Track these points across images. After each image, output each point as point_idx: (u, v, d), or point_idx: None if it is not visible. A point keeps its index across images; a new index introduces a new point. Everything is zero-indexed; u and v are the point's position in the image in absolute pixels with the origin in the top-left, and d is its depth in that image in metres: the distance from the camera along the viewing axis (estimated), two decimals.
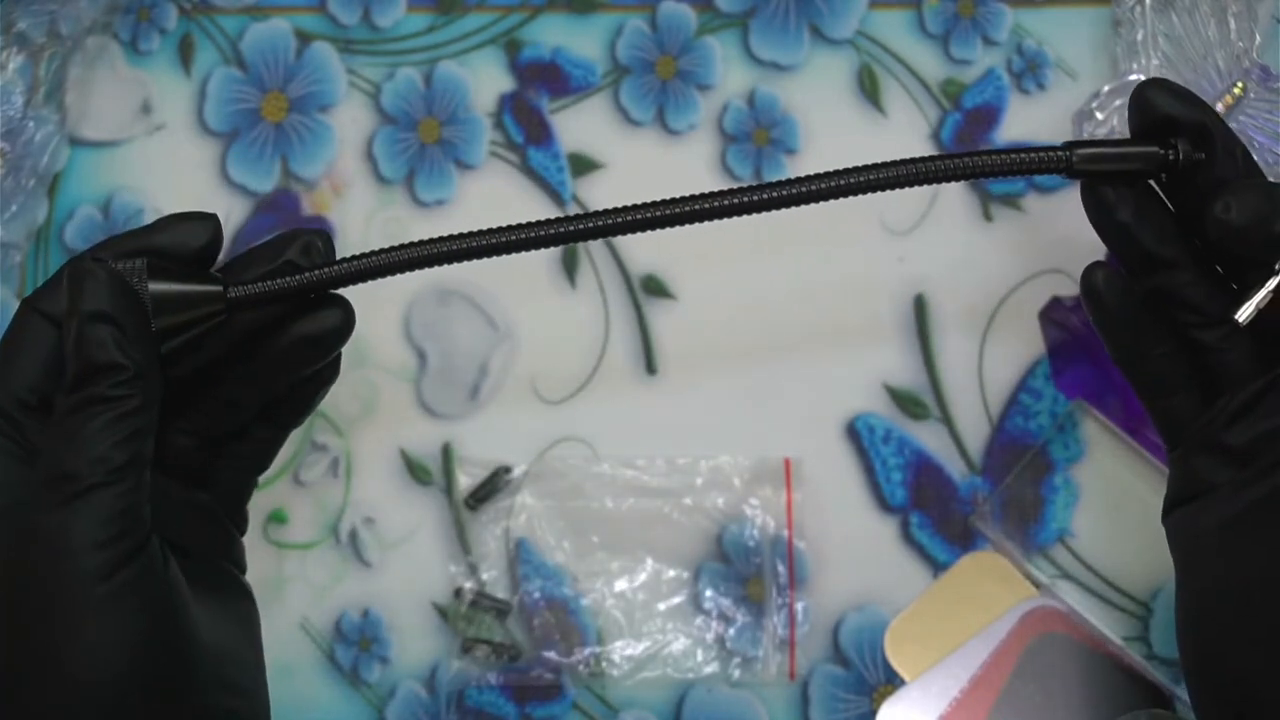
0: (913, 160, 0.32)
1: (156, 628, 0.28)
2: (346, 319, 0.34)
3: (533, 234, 0.33)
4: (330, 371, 0.36)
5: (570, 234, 0.33)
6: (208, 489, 0.34)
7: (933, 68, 0.52)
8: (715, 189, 0.51)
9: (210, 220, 0.31)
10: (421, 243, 0.33)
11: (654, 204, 0.32)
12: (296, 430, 0.38)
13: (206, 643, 0.30)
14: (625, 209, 0.32)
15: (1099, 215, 0.34)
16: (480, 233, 0.33)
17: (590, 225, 0.32)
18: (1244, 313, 0.31)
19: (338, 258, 0.33)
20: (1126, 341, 0.35)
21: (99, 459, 0.27)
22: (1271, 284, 0.30)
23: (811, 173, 0.32)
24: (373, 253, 0.33)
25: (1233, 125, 0.49)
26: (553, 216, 0.34)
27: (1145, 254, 0.33)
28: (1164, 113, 0.33)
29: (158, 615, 0.28)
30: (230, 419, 0.34)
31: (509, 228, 0.33)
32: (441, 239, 0.33)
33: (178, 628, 0.29)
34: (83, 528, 0.27)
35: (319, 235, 0.33)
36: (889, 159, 0.33)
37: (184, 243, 0.31)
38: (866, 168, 0.32)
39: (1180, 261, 0.33)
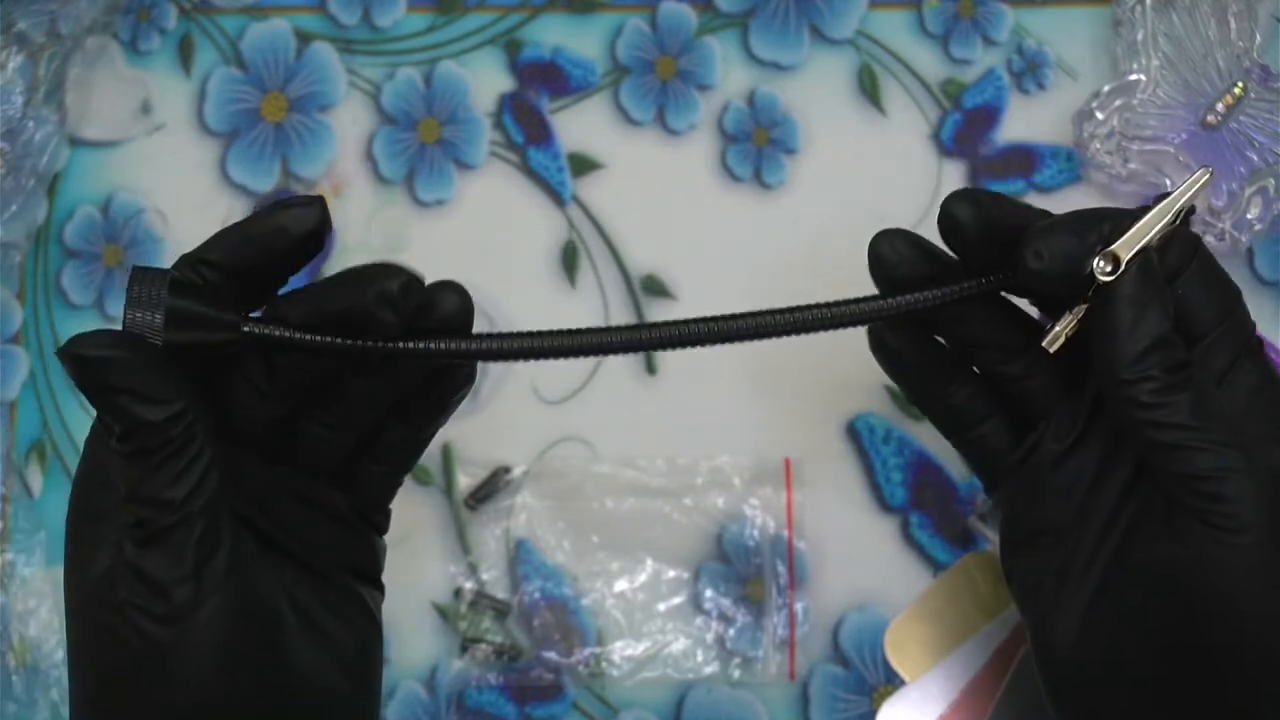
0: (782, 311, 0.32)
1: (242, 660, 0.29)
2: (464, 306, 0.33)
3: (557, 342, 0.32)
4: (464, 376, 0.34)
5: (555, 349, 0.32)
6: (351, 489, 0.34)
7: (933, 68, 0.52)
8: (715, 189, 0.51)
9: (314, 207, 0.30)
10: (457, 339, 0.32)
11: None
12: None
13: (304, 673, 0.30)
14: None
15: (884, 285, 0.33)
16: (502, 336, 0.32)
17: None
18: (1054, 344, 0.31)
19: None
20: (924, 387, 0.35)
21: (163, 503, 0.28)
22: (1079, 312, 0.30)
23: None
24: (409, 345, 0.31)
25: (1233, 125, 0.49)
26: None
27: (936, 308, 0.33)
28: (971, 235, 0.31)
29: (244, 647, 0.29)
30: (361, 412, 0.33)
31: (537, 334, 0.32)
32: (484, 336, 0.32)
33: (268, 659, 0.29)
34: (159, 567, 0.28)
35: (405, 282, 0.31)
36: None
37: (285, 230, 0.30)
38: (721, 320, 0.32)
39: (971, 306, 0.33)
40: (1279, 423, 0.29)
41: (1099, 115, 0.49)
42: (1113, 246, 0.29)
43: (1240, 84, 0.49)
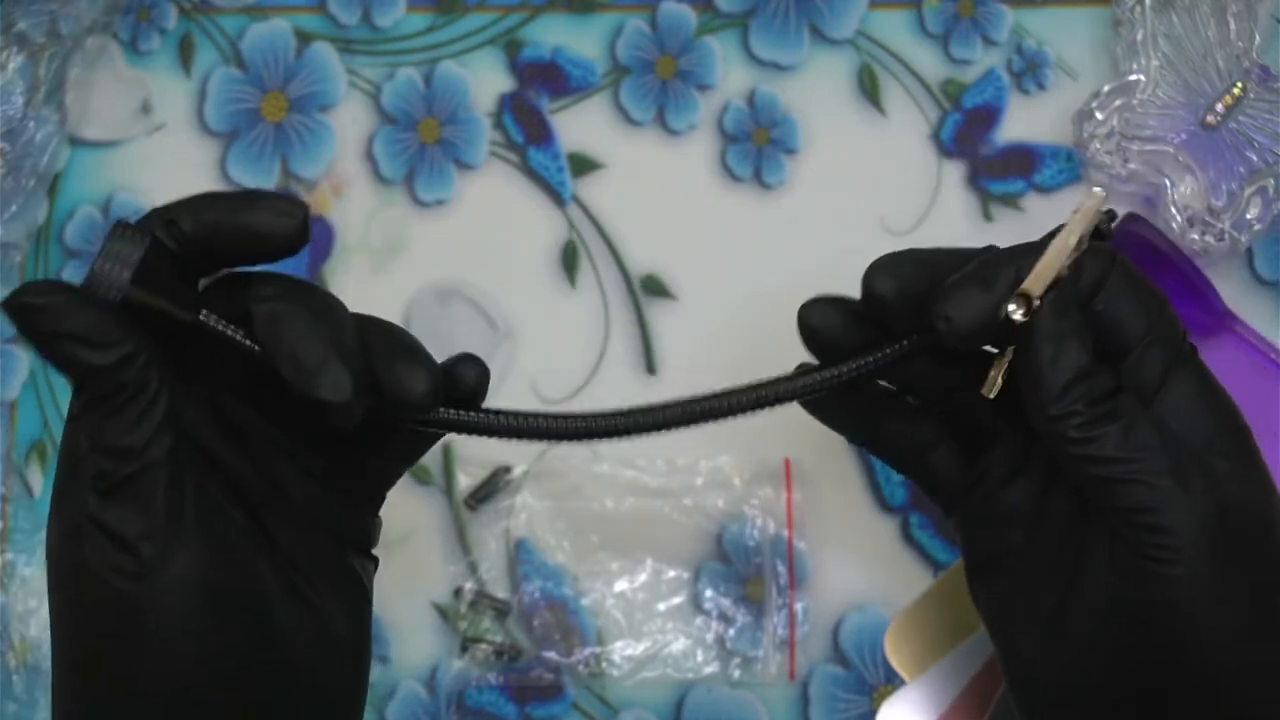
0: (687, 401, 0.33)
1: (218, 617, 0.28)
2: (482, 380, 0.32)
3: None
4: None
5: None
6: (355, 476, 0.33)
7: (933, 68, 0.52)
8: (715, 189, 0.51)
9: (297, 213, 0.29)
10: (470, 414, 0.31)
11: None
12: None
13: (285, 634, 0.29)
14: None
15: (820, 355, 0.33)
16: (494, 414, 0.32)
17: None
18: (992, 390, 0.31)
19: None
20: (866, 432, 0.35)
21: (120, 450, 0.27)
22: (1009, 355, 0.30)
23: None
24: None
25: (1232, 125, 0.49)
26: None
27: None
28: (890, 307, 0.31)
29: (219, 605, 0.28)
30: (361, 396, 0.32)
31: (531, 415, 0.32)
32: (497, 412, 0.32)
33: (247, 618, 0.29)
34: (124, 520, 0.27)
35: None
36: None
37: (265, 231, 0.29)
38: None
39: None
40: (1218, 432, 0.29)
41: (1099, 115, 0.49)
42: (1023, 286, 0.29)
43: (1240, 84, 0.49)
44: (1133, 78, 0.49)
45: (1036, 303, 0.29)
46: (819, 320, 0.32)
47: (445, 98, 0.53)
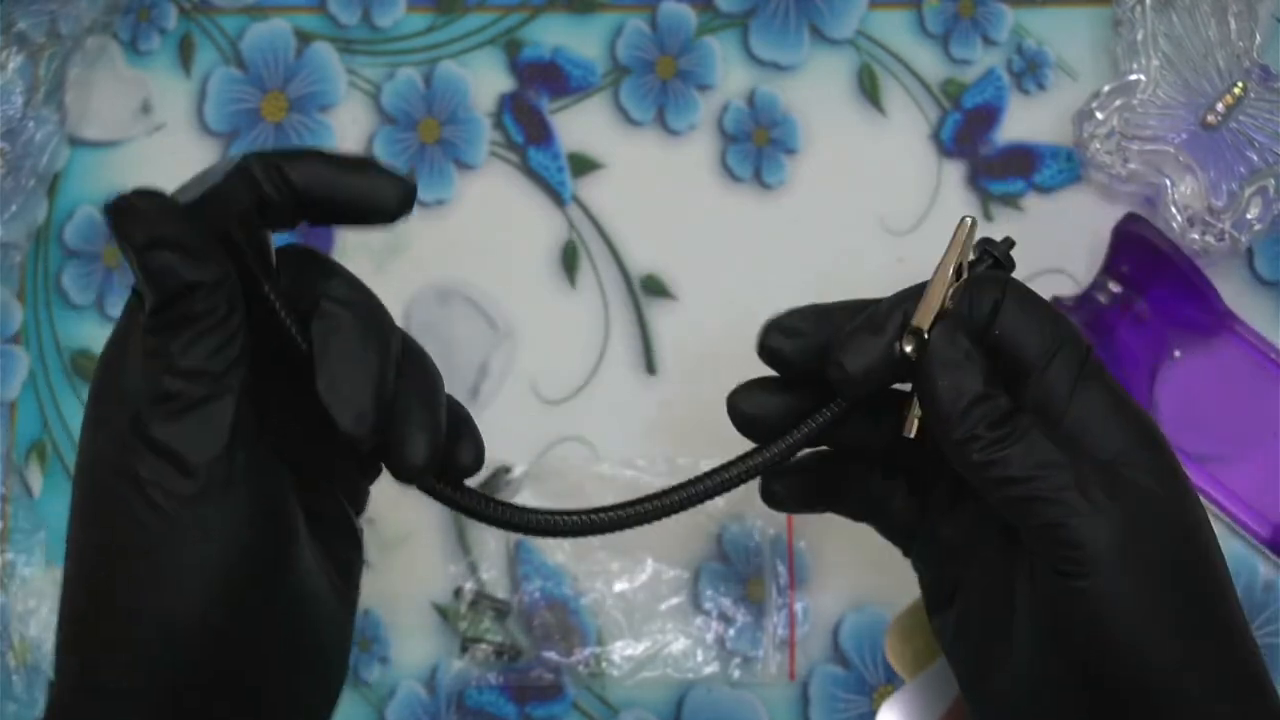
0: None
1: (257, 550, 0.28)
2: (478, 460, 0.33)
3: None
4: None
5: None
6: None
7: (933, 68, 0.52)
8: (715, 189, 0.51)
9: (406, 186, 0.29)
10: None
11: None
12: None
13: (307, 576, 0.29)
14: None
15: (758, 439, 0.33)
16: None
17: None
18: (912, 430, 0.31)
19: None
20: (827, 503, 0.35)
21: (200, 373, 0.27)
22: (916, 401, 0.31)
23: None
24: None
25: (1233, 125, 0.49)
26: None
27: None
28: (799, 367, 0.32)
29: (262, 538, 0.28)
30: None
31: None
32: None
33: (280, 553, 0.29)
34: (190, 442, 0.27)
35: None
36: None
37: (373, 197, 0.29)
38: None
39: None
40: (1128, 443, 0.29)
41: (1099, 115, 0.49)
42: (913, 322, 0.30)
43: (1240, 84, 0.49)
44: (1133, 78, 0.49)
45: (927, 336, 0.30)
46: (750, 407, 0.33)
47: (445, 98, 0.53)
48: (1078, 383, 0.30)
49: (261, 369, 0.29)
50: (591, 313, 0.51)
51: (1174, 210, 0.48)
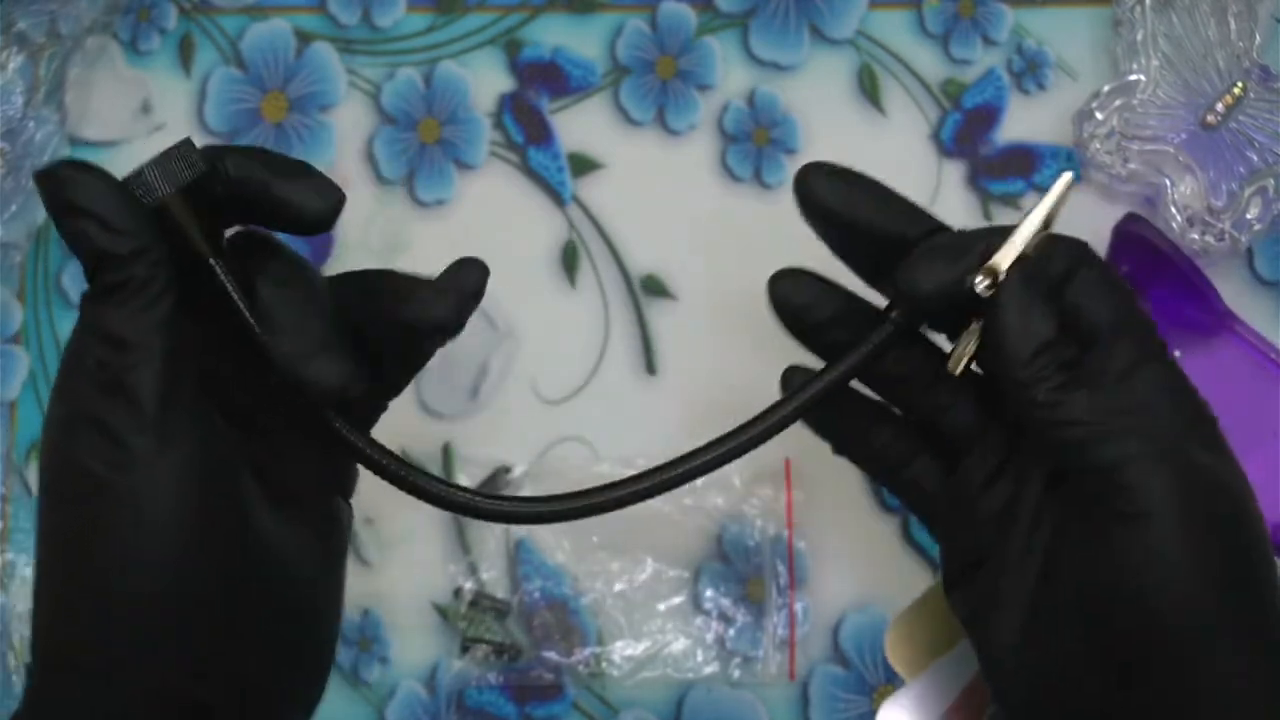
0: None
1: (203, 518, 0.28)
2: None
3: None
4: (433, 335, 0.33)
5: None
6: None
7: (933, 68, 0.52)
8: (715, 189, 0.51)
9: (331, 198, 0.30)
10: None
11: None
12: None
13: (267, 541, 0.30)
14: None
15: (794, 327, 0.34)
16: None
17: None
18: (957, 366, 0.31)
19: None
20: (847, 436, 0.35)
21: (122, 341, 0.27)
22: (975, 331, 0.31)
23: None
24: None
25: (1232, 125, 0.49)
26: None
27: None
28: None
29: (205, 505, 0.28)
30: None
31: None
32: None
33: (231, 522, 0.29)
34: (115, 412, 0.27)
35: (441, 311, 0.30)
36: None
37: (296, 205, 0.30)
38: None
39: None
40: (1186, 419, 0.29)
41: (1099, 115, 0.49)
42: (991, 261, 0.30)
43: (1240, 84, 0.49)
44: (1133, 78, 0.49)
45: (1002, 278, 0.30)
46: (792, 291, 0.34)
47: (445, 98, 0.53)
48: (1142, 361, 0.30)
49: (213, 340, 0.30)
50: (591, 313, 0.51)
51: (1174, 210, 0.48)
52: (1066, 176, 0.31)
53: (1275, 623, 0.29)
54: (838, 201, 0.32)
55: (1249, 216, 0.48)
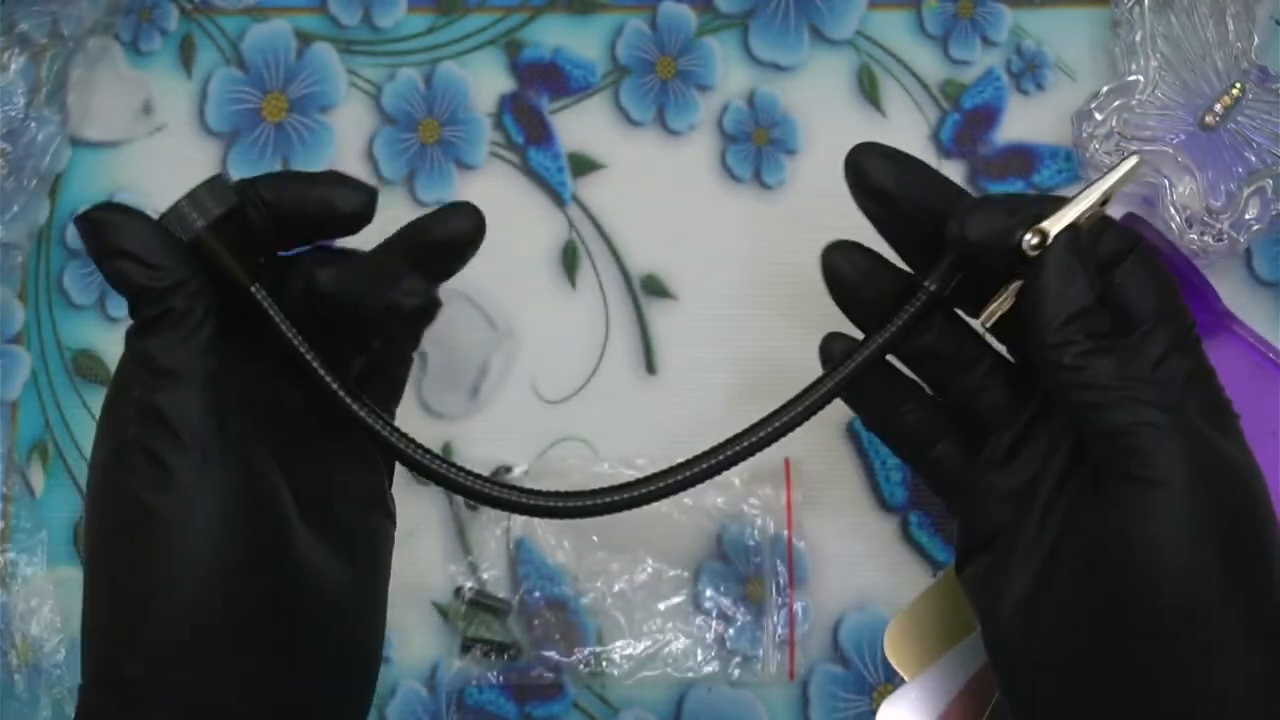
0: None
1: (242, 539, 0.29)
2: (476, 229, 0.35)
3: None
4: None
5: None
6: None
7: (932, 68, 0.52)
8: (715, 189, 0.52)
9: (364, 192, 0.32)
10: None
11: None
12: None
13: (308, 563, 0.30)
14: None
15: (845, 302, 0.35)
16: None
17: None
18: (990, 319, 0.32)
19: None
20: (881, 410, 0.36)
21: (163, 371, 0.29)
22: (1014, 288, 0.32)
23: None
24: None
25: (1231, 126, 0.49)
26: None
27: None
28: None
29: (245, 526, 0.29)
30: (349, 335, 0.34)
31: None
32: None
33: (270, 543, 0.30)
34: (167, 435, 0.28)
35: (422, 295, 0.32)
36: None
37: (330, 203, 0.32)
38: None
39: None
40: (1210, 406, 0.30)
41: (1098, 116, 0.49)
42: (1042, 224, 0.30)
43: (1238, 85, 0.49)
44: (1131, 78, 0.49)
45: (1050, 240, 0.30)
46: (845, 265, 0.34)
47: (445, 98, 0.53)
48: (1173, 351, 0.30)
49: (255, 365, 0.31)
50: (591, 313, 0.51)
51: (1172, 211, 0.48)
52: (1134, 159, 0.32)
53: (1276, 601, 0.29)
54: (890, 181, 0.33)
55: (1247, 217, 0.48)
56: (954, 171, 0.51)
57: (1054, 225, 0.30)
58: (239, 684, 0.29)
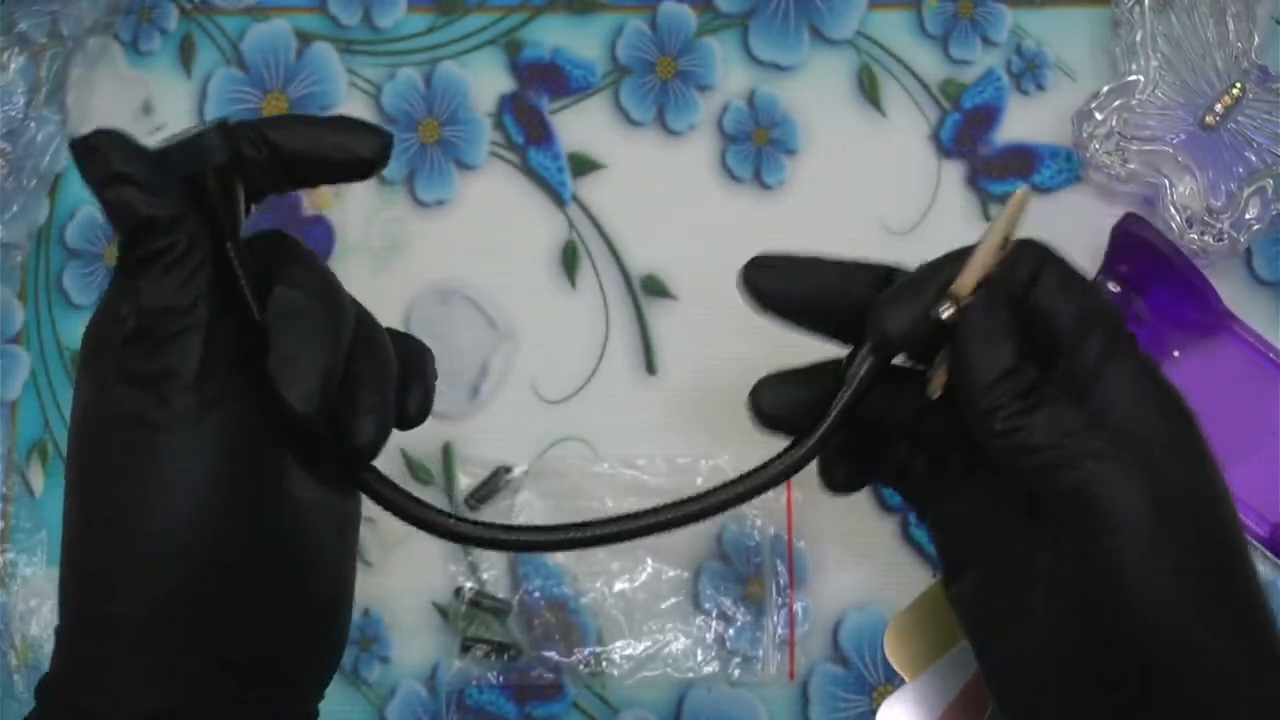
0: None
1: (251, 471, 0.28)
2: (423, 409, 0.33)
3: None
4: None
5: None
6: None
7: (932, 68, 0.52)
8: (715, 189, 0.52)
9: (382, 136, 0.31)
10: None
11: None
12: None
13: (304, 514, 0.30)
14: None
15: (781, 430, 0.35)
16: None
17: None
18: (936, 392, 0.32)
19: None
20: (857, 477, 0.36)
21: (167, 309, 0.28)
22: (945, 361, 0.31)
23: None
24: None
25: (1231, 126, 0.49)
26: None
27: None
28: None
29: (254, 460, 0.28)
30: None
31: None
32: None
33: (268, 487, 0.29)
34: (162, 373, 0.28)
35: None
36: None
37: (350, 147, 0.31)
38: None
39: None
40: (1156, 419, 0.30)
41: (1098, 115, 0.49)
42: (953, 286, 0.30)
43: (1239, 85, 0.49)
44: (1132, 78, 0.49)
45: (966, 302, 0.30)
46: (772, 406, 0.34)
47: (445, 98, 0.53)
48: (1109, 358, 0.30)
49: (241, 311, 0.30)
50: (591, 313, 0.51)
51: (1173, 210, 0.48)
52: (1022, 190, 0.31)
53: (1257, 621, 0.29)
54: (779, 290, 0.33)
55: (1248, 217, 0.48)
56: (954, 171, 0.51)
57: (964, 285, 0.30)
58: (226, 622, 0.28)
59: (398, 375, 0.32)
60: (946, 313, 0.30)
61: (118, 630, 0.28)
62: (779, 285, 0.33)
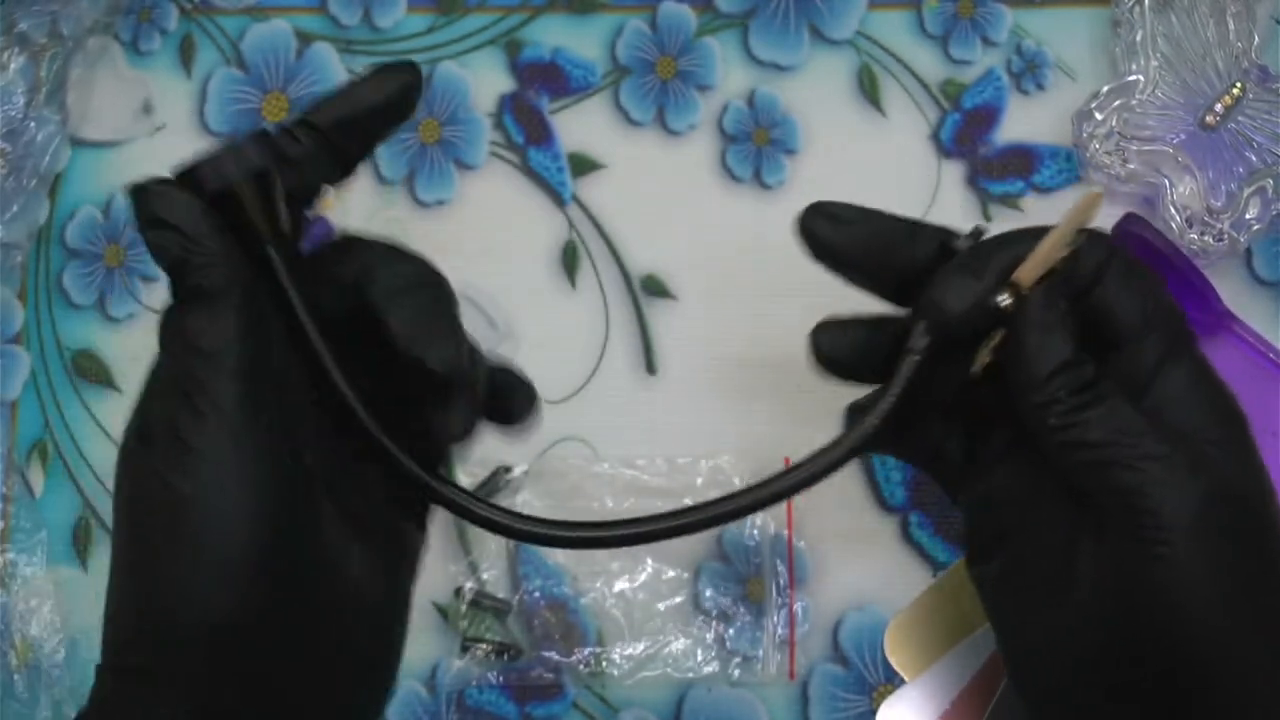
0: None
1: (285, 517, 0.28)
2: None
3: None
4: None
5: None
6: (413, 440, 0.33)
7: (932, 68, 0.52)
8: (715, 189, 0.52)
9: (407, 69, 0.31)
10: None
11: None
12: None
13: (340, 560, 0.30)
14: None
15: (840, 376, 0.35)
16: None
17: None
18: (979, 368, 0.32)
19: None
20: (889, 446, 0.35)
21: (196, 350, 0.28)
22: (996, 338, 0.31)
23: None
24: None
25: (1231, 126, 0.49)
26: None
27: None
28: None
29: (288, 506, 0.28)
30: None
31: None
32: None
33: (299, 534, 0.29)
34: (198, 416, 0.27)
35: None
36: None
37: (382, 86, 0.31)
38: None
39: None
40: (1211, 420, 0.30)
41: (1098, 115, 0.49)
42: (1015, 275, 0.30)
43: (1239, 85, 0.49)
44: (1132, 78, 0.49)
45: (1026, 292, 0.30)
46: (830, 348, 0.34)
47: (446, 98, 0.53)
48: (1168, 357, 0.30)
49: (291, 359, 0.30)
50: (591, 313, 0.51)
51: (1173, 210, 0.48)
52: (1095, 192, 0.31)
53: None
54: (840, 242, 0.33)
55: (1248, 217, 0.48)
56: (954, 171, 0.51)
57: (1026, 276, 0.30)
58: (252, 679, 0.28)
59: (501, 372, 0.33)
60: (1006, 302, 0.30)
61: (138, 681, 0.27)
62: (837, 235, 0.33)
